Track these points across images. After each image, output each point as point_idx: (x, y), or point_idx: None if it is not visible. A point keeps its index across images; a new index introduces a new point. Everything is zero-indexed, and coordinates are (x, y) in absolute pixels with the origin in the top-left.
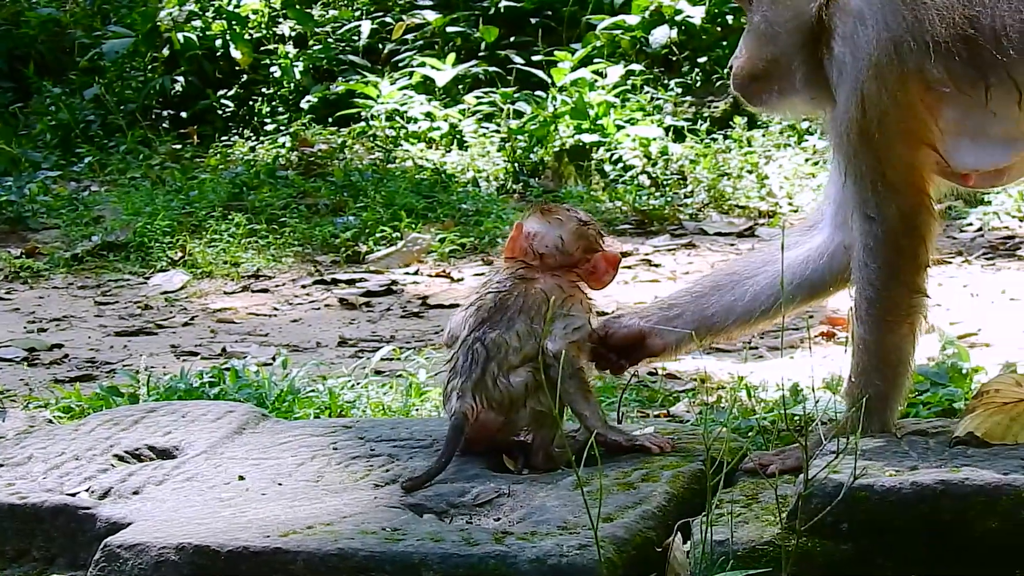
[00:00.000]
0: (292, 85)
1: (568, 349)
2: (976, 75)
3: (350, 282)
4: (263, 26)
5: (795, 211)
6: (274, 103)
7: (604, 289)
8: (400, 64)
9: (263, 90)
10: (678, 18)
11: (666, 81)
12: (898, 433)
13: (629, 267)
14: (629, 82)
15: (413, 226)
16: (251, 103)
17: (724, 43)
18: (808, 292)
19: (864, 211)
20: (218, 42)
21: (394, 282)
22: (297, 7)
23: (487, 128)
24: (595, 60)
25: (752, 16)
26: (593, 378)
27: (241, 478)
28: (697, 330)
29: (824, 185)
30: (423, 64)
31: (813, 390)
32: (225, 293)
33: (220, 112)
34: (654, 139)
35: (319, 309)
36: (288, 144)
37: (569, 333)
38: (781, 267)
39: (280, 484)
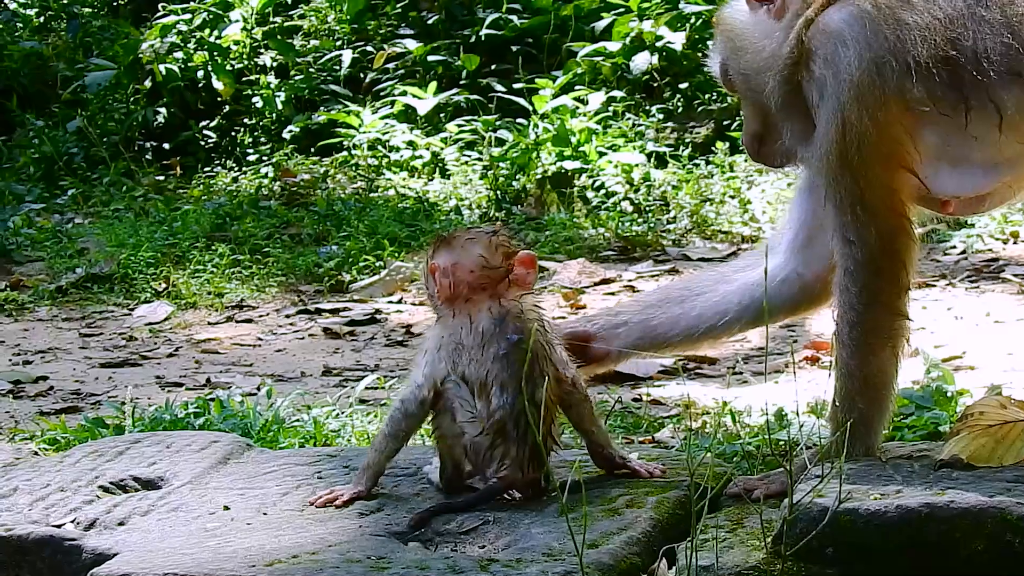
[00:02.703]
0: (274, 115)
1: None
2: (956, 97)
3: (334, 311)
4: (245, 57)
5: None
6: (256, 133)
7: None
8: (382, 93)
9: (245, 121)
10: (659, 44)
11: (647, 107)
12: (883, 457)
13: (612, 293)
14: (610, 109)
15: (396, 255)
16: (233, 134)
17: (705, 69)
18: (754, 316)
19: (844, 234)
20: (200, 73)
21: (378, 311)
22: (278, 37)
23: (469, 156)
24: (576, 87)
25: (736, 88)
26: None
27: (226, 508)
28: (640, 339)
29: (787, 209)
30: (404, 93)
31: (798, 415)
32: (209, 324)
33: (203, 143)
34: (636, 165)
35: (303, 339)
36: (271, 174)
37: (563, 351)
38: (764, 289)
39: (265, 514)
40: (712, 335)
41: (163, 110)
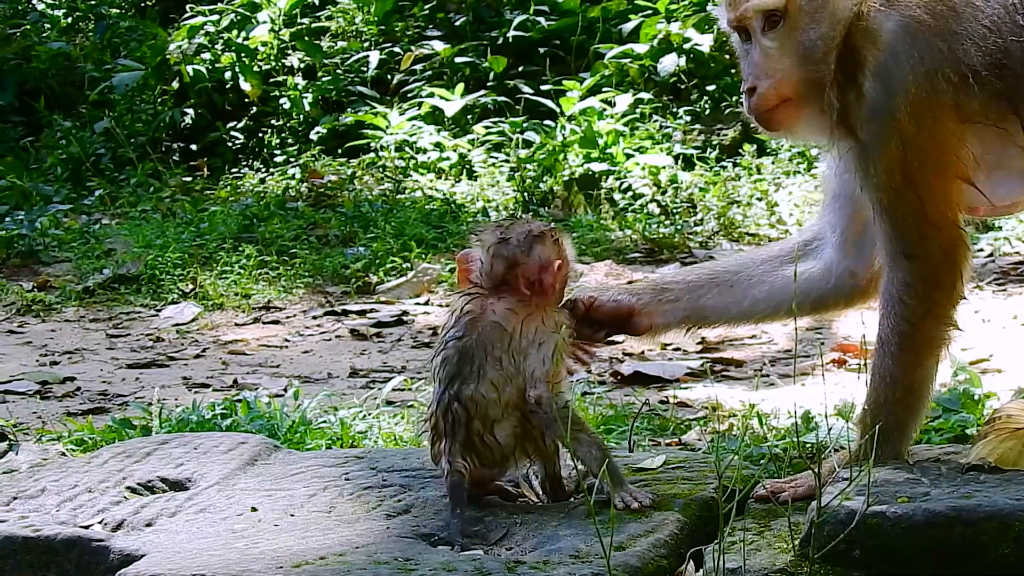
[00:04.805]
0: (301, 117)
1: (551, 390)
2: (1008, 107)
3: (361, 313)
4: (272, 58)
5: None
6: (283, 135)
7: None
8: (409, 95)
9: (272, 122)
10: (686, 46)
11: (675, 109)
12: (910, 459)
13: None
14: (638, 111)
15: (423, 256)
16: (261, 135)
17: (732, 71)
18: (808, 310)
19: (904, 250)
20: (227, 74)
21: (405, 312)
22: (306, 39)
23: (496, 158)
24: (604, 89)
25: (785, 36)
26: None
27: (254, 509)
28: (688, 318)
29: (821, 210)
30: (432, 94)
31: (825, 417)
32: (236, 325)
33: (230, 144)
34: (663, 167)
35: (330, 340)
36: (298, 176)
37: (547, 366)
38: (794, 297)
39: (292, 515)
40: (762, 322)
41: (190, 111)
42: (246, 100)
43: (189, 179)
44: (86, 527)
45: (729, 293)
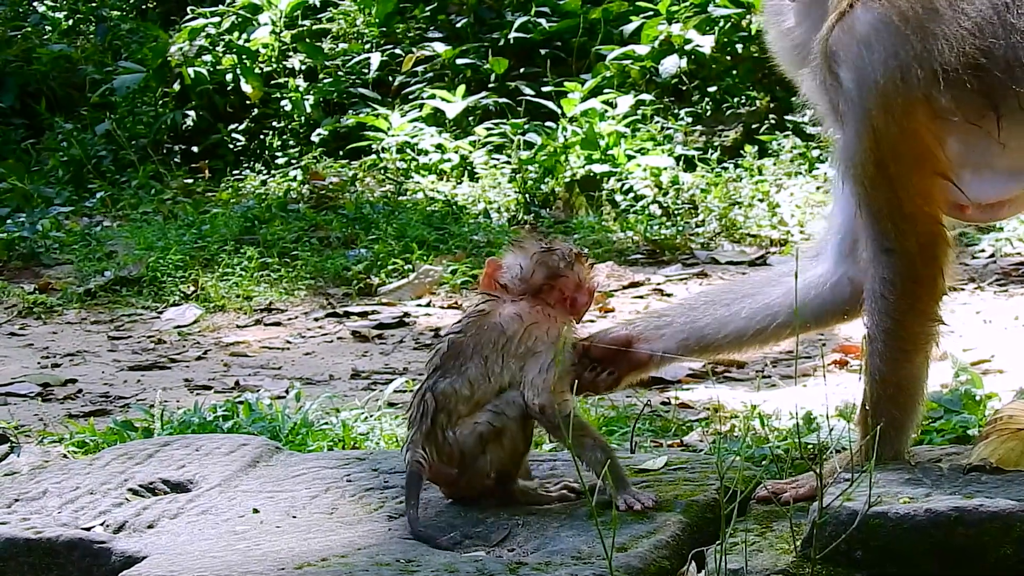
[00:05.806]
0: (303, 118)
1: (554, 399)
2: (986, 105)
3: (362, 314)
4: (273, 60)
5: (807, 239)
6: (285, 136)
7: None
8: (410, 96)
9: (274, 124)
10: (688, 48)
11: (676, 111)
12: (911, 460)
13: (641, 297)
14: (639, 112)
15: (425, 258)
16: (262, 137)
17: (734, 72)
18: (807, 320)
19: (882, 244)
20: (228, 76)
21: (406, 314)
22: (307, 41)
23: (498, 159)
24: (605, 90)
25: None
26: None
27: (255, 511)
28: (687, 340)
29: (828, 214)
30: (433, 96)
31: (827, 418)
32: (238, 327)
33: (231, 146)
34: (665, 169)
35: (332, 342)
36: (299, 177)
37: (548, 374)
38: (795, 294)
39: (294, 517)
40: (761, 338)
41: (191, 113)
42: (247, 102)
43: (190, 181)
44: (88, 529)
45: (726, 309)
